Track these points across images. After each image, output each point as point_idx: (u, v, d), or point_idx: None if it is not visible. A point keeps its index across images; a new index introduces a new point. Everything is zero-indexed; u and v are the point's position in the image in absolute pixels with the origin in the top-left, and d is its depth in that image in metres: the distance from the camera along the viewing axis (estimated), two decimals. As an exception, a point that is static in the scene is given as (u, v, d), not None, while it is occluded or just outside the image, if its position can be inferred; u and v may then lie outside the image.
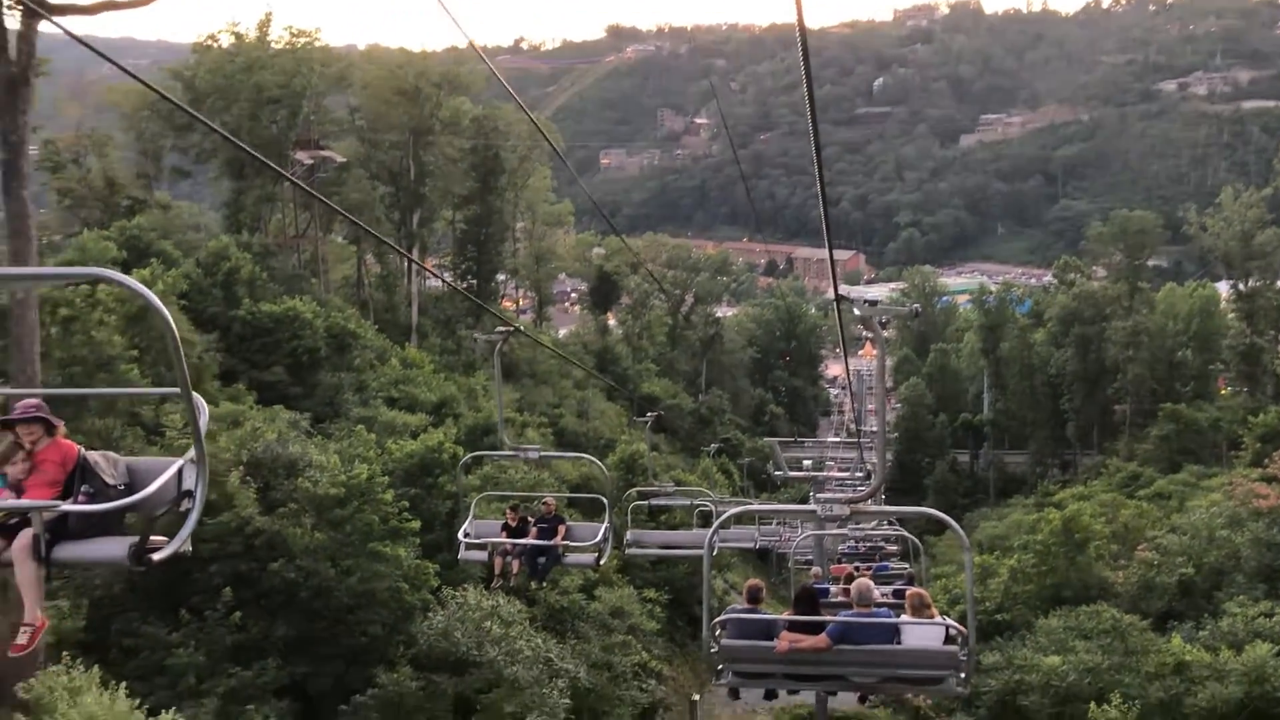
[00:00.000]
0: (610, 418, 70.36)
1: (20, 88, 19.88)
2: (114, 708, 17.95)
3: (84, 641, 24.00)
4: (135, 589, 25.91)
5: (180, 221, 74.33)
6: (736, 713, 39.20)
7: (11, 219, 20.57)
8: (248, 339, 47.61)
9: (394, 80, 70.74)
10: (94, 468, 6.46)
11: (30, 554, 5.93)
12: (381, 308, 71.58)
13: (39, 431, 6.52)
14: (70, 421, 22.34)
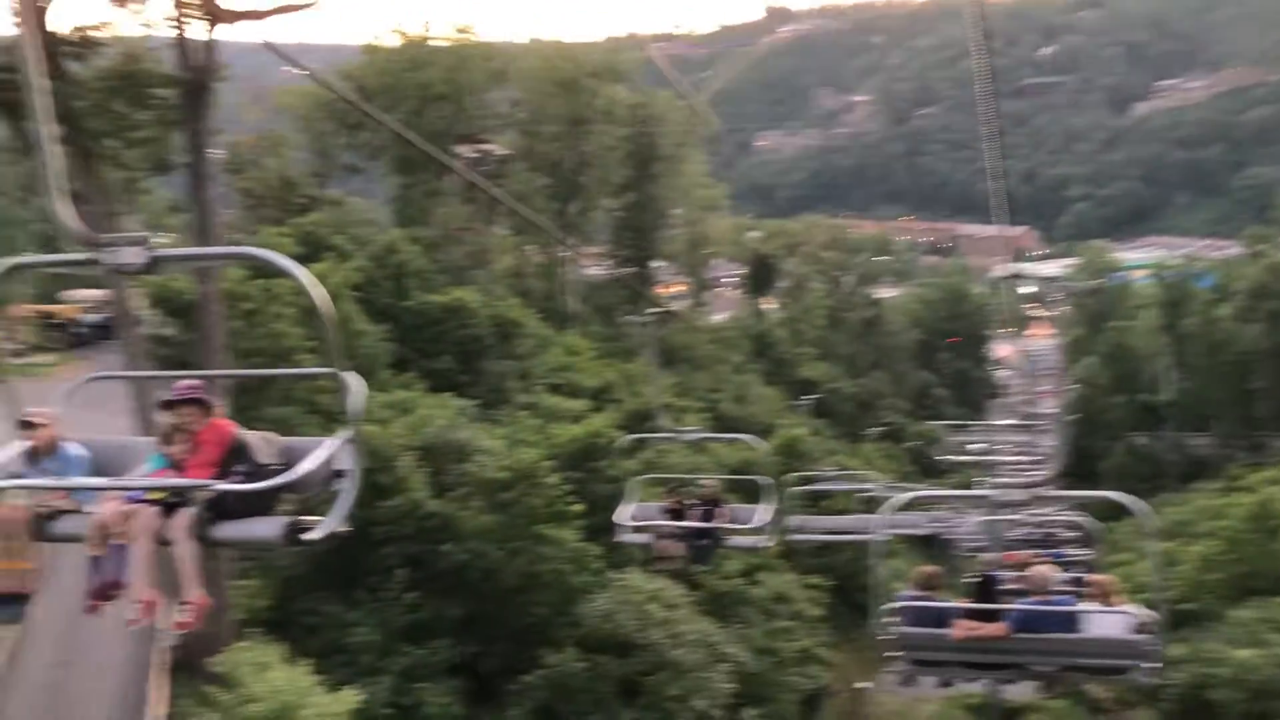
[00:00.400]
0: (769, 402, 69.82)
1: (203, 93, 20.98)
2: (297, 683, 18.83)
3: (271, 619, 25.34)
4: (318, 569, 27.19)
5: (352, 217, 77.60)
6: (905, 701, 38.52)
7: (197, 217, 21.76)
8: (418, 329, 49.26)
9: (552, 72, 71.80)
10: (250, 448, 6.53)
11: (189, 533, 6.04)
12: (543, 297, 72.88)
13: (197, 412, 6.64)
14: (251, 409, 23.66)
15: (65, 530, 6.50)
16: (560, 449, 35.22)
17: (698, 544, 16.32)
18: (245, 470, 6.32)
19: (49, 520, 6.46)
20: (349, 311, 42.66)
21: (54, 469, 6.74)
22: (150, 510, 6.22)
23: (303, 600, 26.11)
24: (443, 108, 68.44)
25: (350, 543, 28.30)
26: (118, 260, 3.97)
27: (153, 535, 6.20)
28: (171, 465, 6.54)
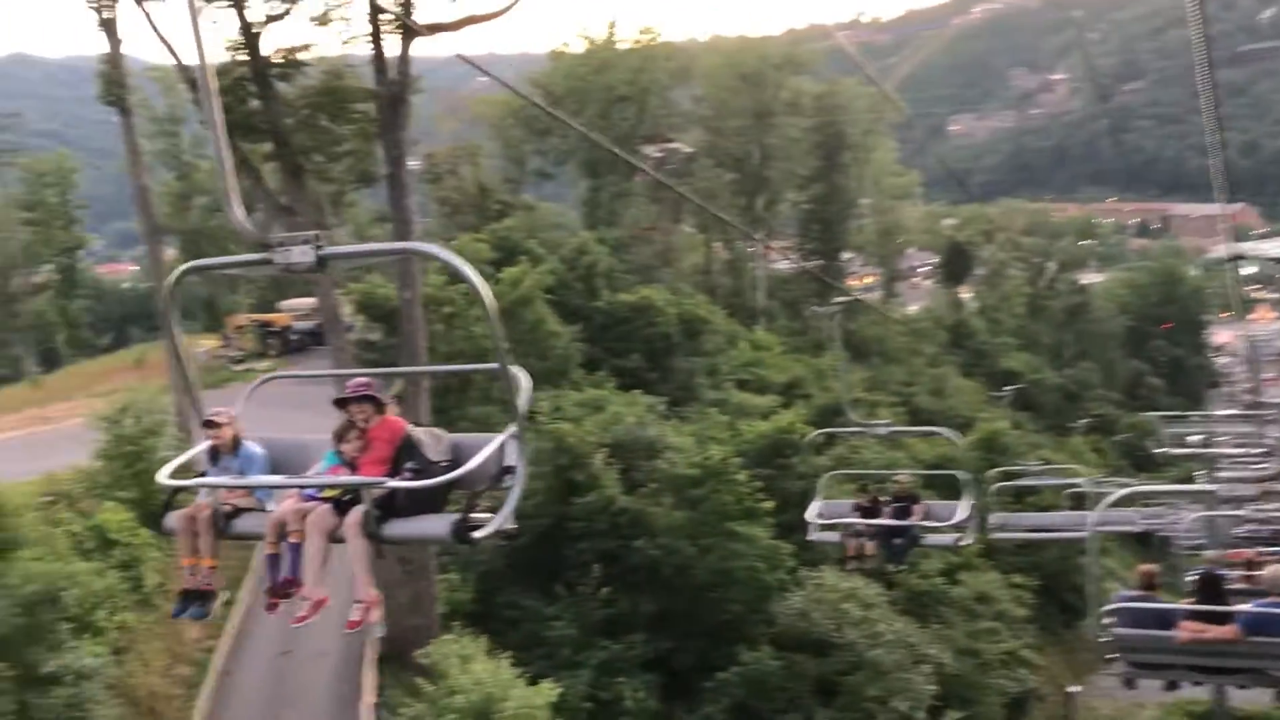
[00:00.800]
0: (967, 395, 67.50)
1: (400, 105, 21.81)
2: (498, 675, 19.31)
3: (473, 612, 26.17)
4: (517, 564, 27.94)
5: (544, 221, 79.53)
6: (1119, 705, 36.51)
7: (396, 226, 22.64)
8: (607, 328, 50.04)
9: (735, 66, 71.59)
10: (418, 444, 6.48)
11: (360, 530, 6.03)
12: (730, 293, 72.80)
13: (369, 409, 6.63)
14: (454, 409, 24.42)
15: (246, 528, 6.65)
16: (749, 445, 35.03)
17: (892, 542, 15.68)
18: (414, 467, 6.31)
19: (230, 518, 6.59)
20: (542, 313, 43.73)
21: (234, 467, 6.88)
22: (323, 508, 6.28)
23: (503, 594, 26.84)
24: (627, 109, 69.32)
25: (547, 538, 28.96)
26: (288, 259, 4.01)
27: (325, 533, 6.28)
28: (344, 463, 6.60)
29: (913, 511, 15.56)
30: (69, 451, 28.61)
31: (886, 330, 72.21)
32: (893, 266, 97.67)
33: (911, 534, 15.36)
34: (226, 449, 6.93)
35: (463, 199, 72.16)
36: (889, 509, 15.84)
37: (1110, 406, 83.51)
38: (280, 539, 6.44)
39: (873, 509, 15.86)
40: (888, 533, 15.50)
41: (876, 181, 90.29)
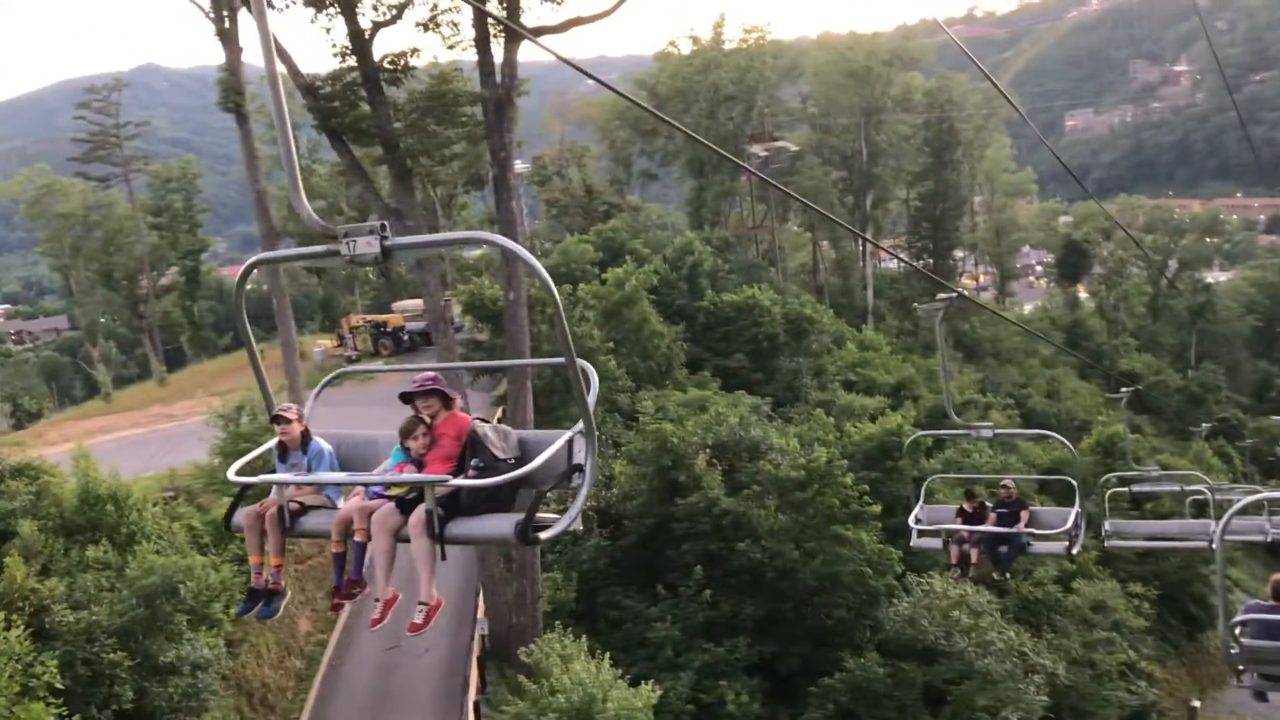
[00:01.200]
0: (1084, 398, 65.48)
1: (506, 108, 22.01)
2: (599, 676, 19.31)
3: (575, 612, 26.27)
4: (619, 564, 27.99)
5: (649, 221, 79.76)
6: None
7: (501, 227, 22.84)
8: (711, 328, 49.88)
9: (844, 63, 70.61)
10: (484, 441, 6.18)
11: (423, 530, 5.84)
12: (837, 292, 71.96)
13: (436, 404, 6.42)
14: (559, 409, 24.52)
15: (313, 526, 6.48)
16: (856, 447, 34.47)
17: (997, 550, 15.14)
18: (479, 465, 6.10)
19: (298, 515, 6.44)
20: (646, 313, 43.78)
21: (302, 464, 6.71)
22: (387, 506, 6.12)
23: (605, 594, 26.88)
24: (734, 108, 68.97)
25: (650, 539, 28.96)
26: (354, 250, 3.94)
27: (391, 532, 6.11)
28: (411, 460, 6.41)
29: (1019, 518, 14.99)
30: (191, 448, 29.68)
31: (1000, 330, 70.46)
32: (1006, 265, 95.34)
33: (1018, 541, 14.76)
34: (294, 445, 6.78)
35: (569, 200, 72.85)
36: (994, 515, 15.35)
37: (1237, 410, 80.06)
38: (346, 537, 6.31)
39: (977, 514, 15.37)
40: (993, 540, 14.98)
41: (989, 178, 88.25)
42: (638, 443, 30.42)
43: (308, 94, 22.02)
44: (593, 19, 22.71)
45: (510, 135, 22.33)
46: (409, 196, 22.14)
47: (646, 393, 38.51)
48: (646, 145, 76.53)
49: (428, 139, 22.82)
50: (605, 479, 30.68)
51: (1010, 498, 15.45)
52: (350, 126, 21.98)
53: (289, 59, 21.60)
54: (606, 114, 76.66)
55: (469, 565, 25.83)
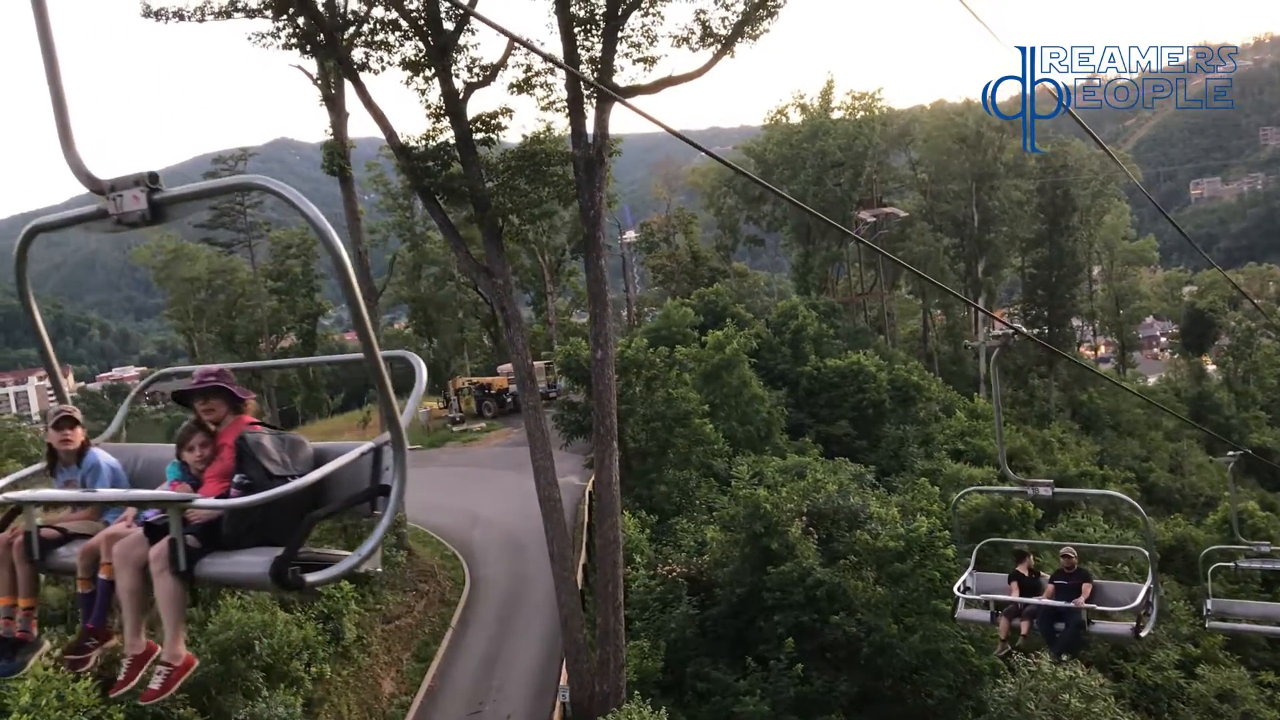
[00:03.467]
0: (1210, 473, 62.20)
1: (596, 168, 21.98)
2: (680, 747, 18.59)
3: (662, 682, 25.52)
4: (709, 633, 27.18)
5: (755, 287, 79.44)
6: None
7: (592, 286, 22.70)
8: (814, 394, 49.00)
9: (954, 129, 69.63)
10: (255, 451, 4.82)
11: (167, 565, 4.45)
12: (948, 360, 70.23)
13: (221, 408, 5.16)
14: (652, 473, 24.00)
15: (65, 559, 5.00)
16: (962, 518, 33.04)
17: (1054, 627, 13.22)
18: (245, 481, 4.76)
19: (53, 545, 5.04)
20: (747, 376, 43.22)
21: (75, 481, 5.41)
22: (133, 535, 4.74)
23: (693, 664, 26.06)
24: (841, 174, 68.45)
25: (742, 608, 28.10)
26: (121, 208, 3.26)
27: (136, 567, 4.66)
28: (187, 477, 5.14)
29: (1080, 591, 13.12)
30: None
31: (1119, 401, 67.74)
32: (1127, 335, 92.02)
33: (1076, 618, 12.82)
34: (71, 457, 5.44)
35: (676, 266, 73.11)
36: (1052, 587, 13.54)
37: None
38: (93, 574, 4.88)
39: (1032, 584, 13.75)
40: (1048, 616, 13.10)
41: (1108, 246, 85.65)
42: (731, 508, 29.70)
43: (402, 155, 22.39)
44: (684, 79, 22.63)
45: (601, 195, 22.27)
46: (499, 255, 22.20)
47: (744, 457, 37.80)
48: (753, 212, 76.55)
49: (518, 198, 22.93)
50: (697, 545, 30.01)
51: (1071, 568, 13.77)
52: (443, 186, 22.23)
53: (384, 119, 22.02)
54: (713, 181, 77.02)
55: (554, 630, 25.37)
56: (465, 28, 21.88)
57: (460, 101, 21.91)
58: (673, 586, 27.31)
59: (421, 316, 72.33)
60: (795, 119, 72.08)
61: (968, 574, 13.40)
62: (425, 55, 21.97)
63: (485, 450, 46.82)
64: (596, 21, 22.16)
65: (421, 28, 21.90)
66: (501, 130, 22.49)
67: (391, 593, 28.08)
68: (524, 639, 27.48)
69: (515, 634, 27.80)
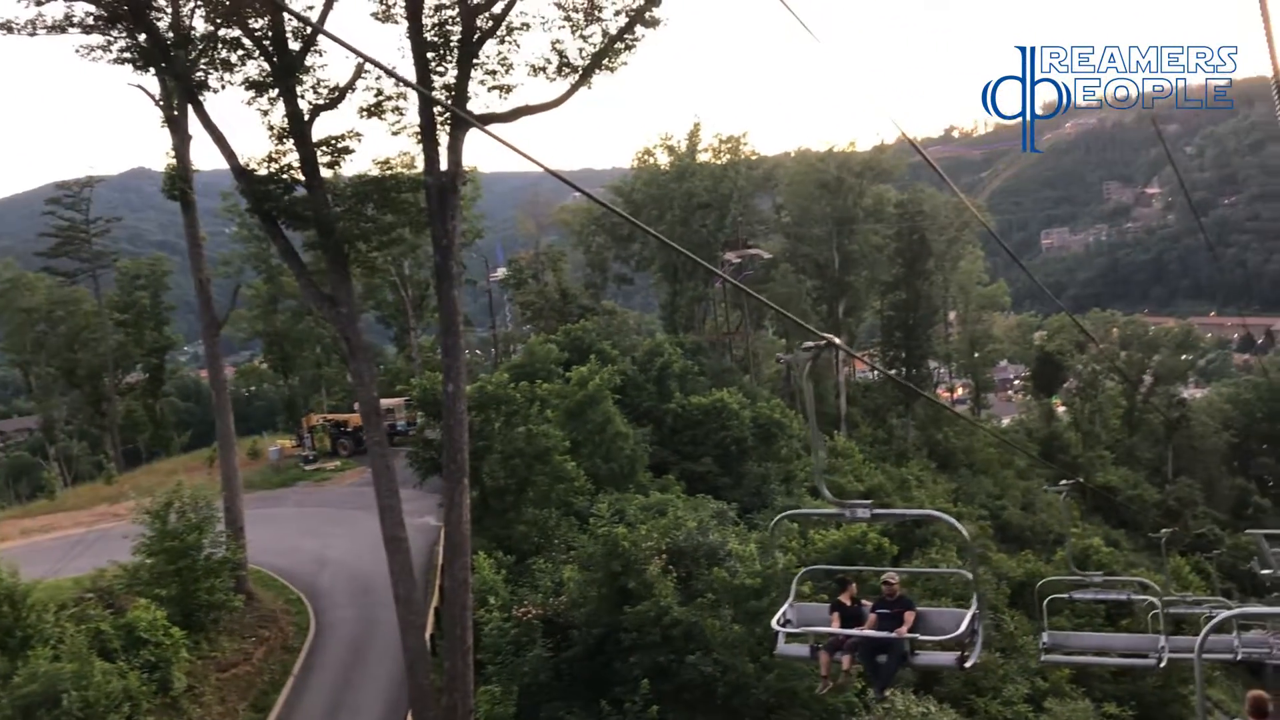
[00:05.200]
0: (1059, 511, 64.39)
1: (449, 195, 21.35)
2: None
3: (514, 728, 24.67)
4: (562, 676, 26.41)
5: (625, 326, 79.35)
6: None
7: (444, 315, 21.98)
8: (679, 431, 48.88)
9: (816, 174, 71.21)
10: None
11: None
12: (810, 399, 71.17)
13: None
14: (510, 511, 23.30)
15: None
16: (820, 554, 33.18)
17: (875, 660, 12.32)
18: None
19: None
20: (610, 413, 42.78)
21: None
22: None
23: (547, 709, 25.27)
24: (708, 215, 69.14)
25: (598, 649, 27.43)
26: None
27: None
28: None
29: (902, 620, 12.35)
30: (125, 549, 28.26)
31: (973, 440, 69.78)
32: (982, 377, 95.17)
33: (899, 650, 12.06)
34: None
35: (545, 303, 72.53)
36: (874, 616, 12.72)
37: (1214, 525, 79.08)
38: None
39: (854, 614, 12.84)
40: (870, 647, 12.26)
41: (963, 290, 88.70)
42: (589, 547, 29.10)
43: (241, 177, 21.36)
44: (541, 108, 22.26)
45: (454, 224, 21.61)
46: (345, 283, 21.31)
47: (606, 495, 37.28)
48: (622, 251, 76.57)
49: (365, 224, 22.12)
50: (554, 585, 29.28)
51: (892, 595, 12.89)
52: (285, 210, 21.28)
53: (223, 140, 21.00)
54: (582, 220, 76.93)
55: (401, 676, 24.26)
56: (312, 48, 21.11)
57: (305, 123, 21.06)
58: (527, 629, 26.50)
59: (277, 351, 69.92)
60: (663, 160, 72.62)
61: (787, 605, 12.57)
62: (270, 75, 21.07)
63: (338, 490, 45.23)
64: (451, 47, 21.63)
65: (266, 47, 21.03)
66: (349, 154, 21.74)
67: (229, 639, 26.56)
68: (370, 686, 26.28)
69: (361, 681, 26.58)
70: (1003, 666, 34.24)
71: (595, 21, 21.89)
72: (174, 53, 21.05)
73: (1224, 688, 46.80)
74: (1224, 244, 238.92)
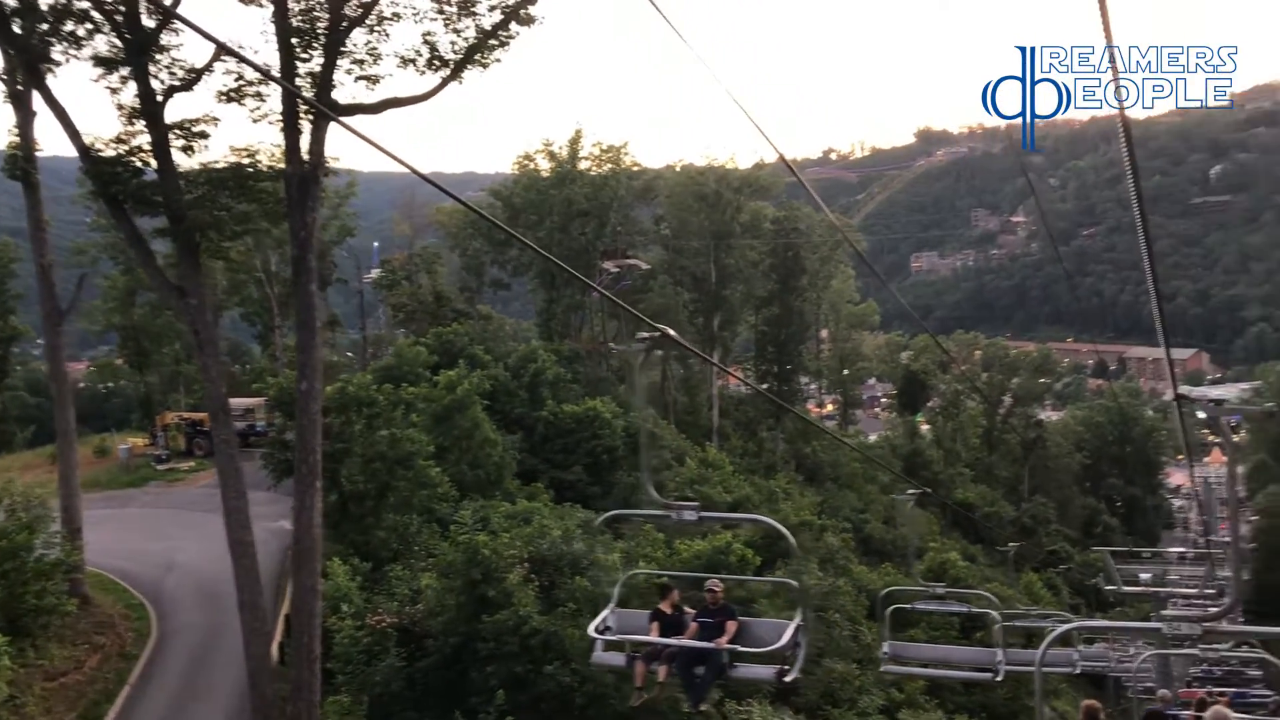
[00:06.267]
0: (920, 524, 66.10)
1: (310, 186, 20.60)
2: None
3: (364, 740, 23.88)
4: (416, 687, 25.69)
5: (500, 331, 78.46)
6: None
7: (300, 310, 21.20)
8: (550, 439, 48.47)
9: (695, 187, 71.69)
10: None
11: None
12: (683, 410, 71.56)
13: None
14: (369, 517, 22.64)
15: None
16: (684, 564, 33.17)
17: (693, 672, 11.56)
18: None
19: None
20: (479, 418, 42.12)
21: None
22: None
23: (398, 719, 24.54)
24: (587, 224, 68.91)
25: (454, 659, 26.79)
26: None
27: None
28: None
29: (723, 630, 11.70)
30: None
31: (840, 455, 71.13)
32: (851, 394, 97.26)
33: (717, 661, 11.28)
34: None
35: (417, 305, 71.20)
36: (696, 625, 11.98)
37: (1065, 543, 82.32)
38: None
39: (676, 620, 12.15)
40: (688, 658, 11.52)
41: (835, 308, 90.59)
42: (449, 554, 28.44)
43: (86, 158, 20.20)
44: (410, 101, 21.68)
45: (314, 216, 20.86)
46: (195, 273, 20.33)
47: (470, 502, 36.61)
48: (499, 255, 75.67)
49: (220, 212, 21.19)
50: (412, 593, 28.52)
51: (715, 603, 12.17)
52: (132, 195, 20.22)
53: (66, 117, 19.84)
54: (459, 222, 75.84)
55: (245, 686, 23.23)
56: (168, 26, 20.12)
57: (159, 105, 20.05)
58: (381, 637, 25.69)
59: (134, 346, 66.93)
60: (544, 166, 72.19)
61: (608, 611, 11.91)
62: (121, 52, 20.00)
63: (191, 491, 43.41)
64: (317, 34, 20.89)
65: (118, 22, 19.96)
66: (205, 139, 20.77)
67: (59, 646, 25.09)
68: (213, 695, 25.14)
69: (203, 690, 25.41)
70: (859, 678, 34.70)
71: (469, 15, 21.45)
72: (16, 23, 19.80)
73: (1070, 699, 48.46)
74: (1082, 273, 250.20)
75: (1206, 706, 16.66)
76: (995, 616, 20.99)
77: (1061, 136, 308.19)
